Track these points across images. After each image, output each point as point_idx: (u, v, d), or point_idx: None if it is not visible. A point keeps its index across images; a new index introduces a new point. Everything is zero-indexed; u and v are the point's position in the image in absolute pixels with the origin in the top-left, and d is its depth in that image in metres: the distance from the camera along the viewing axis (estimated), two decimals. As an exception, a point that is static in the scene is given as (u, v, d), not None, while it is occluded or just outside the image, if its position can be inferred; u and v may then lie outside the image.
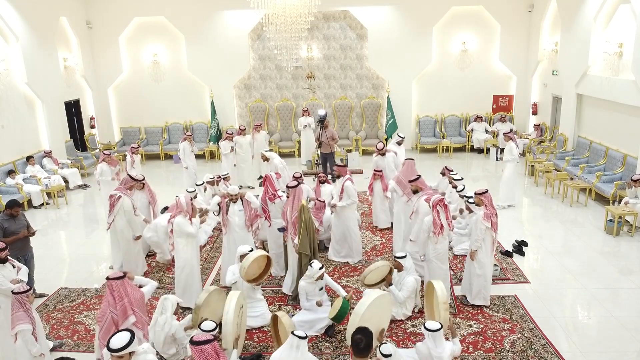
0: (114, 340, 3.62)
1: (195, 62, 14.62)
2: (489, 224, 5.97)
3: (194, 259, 6.37)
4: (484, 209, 6.04)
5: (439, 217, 5.98)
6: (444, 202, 6.07)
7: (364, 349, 3.65)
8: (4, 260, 5.18)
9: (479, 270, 6.11)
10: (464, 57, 14.52)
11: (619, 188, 9.30)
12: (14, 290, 4.63)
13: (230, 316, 4.78)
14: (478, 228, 6.01)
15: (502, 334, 5.67)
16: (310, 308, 5.79)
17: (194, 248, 6.35)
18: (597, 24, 10.74)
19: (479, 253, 6.10)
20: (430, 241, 6.05)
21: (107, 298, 4.49)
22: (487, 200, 6.06)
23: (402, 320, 5.93)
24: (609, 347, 5.42)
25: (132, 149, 10.15)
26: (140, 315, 4.57)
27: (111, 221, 7.05)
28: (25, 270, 5.48)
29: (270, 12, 9.42)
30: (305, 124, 13.17)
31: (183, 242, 6.25)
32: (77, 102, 14.17)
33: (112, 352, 3.58)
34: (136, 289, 4.71)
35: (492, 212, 6.03)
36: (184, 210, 6.20)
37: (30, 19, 11.81)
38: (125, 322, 4.43)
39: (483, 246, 6.07)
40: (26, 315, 4.56)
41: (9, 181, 10.62)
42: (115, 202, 6.97)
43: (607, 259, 7.63)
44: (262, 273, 6.09)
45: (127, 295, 4.48)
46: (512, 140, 9.75)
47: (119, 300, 4.45)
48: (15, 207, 6.38)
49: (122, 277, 4.56)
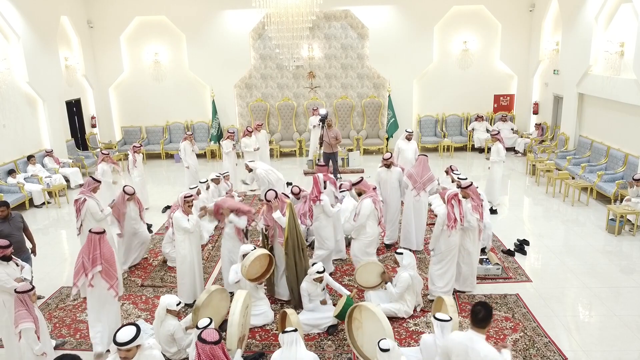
0: (120, 335, 3.55)
1: (196, 61, 14.63)
2: (477, 215, 6.13)
3: (194, 254, 6.38)
4: (470, 201, 6.20)
5: (453, 210, 6.05)
6: (458, 197, 6.16)
7: (482, 320, 3.69)
8: (8, 259, 5.17)
9: (466, 259, 6.34)
10: (465, 57, 14.52)
11: (620, 187, 9.30)
12: (17, 289, 4.63)
13: (237, 317, 4.79)
14: (472, 220, 6.17)
15: (505, 333, 5.67)
16: (314, 309, 5.80)
17: (192, 244, 6.36)
18: (599, 23, 10.75)
19: (467, 243, 6.29)
20: (443, 235, 6.14)
21: (84, 248, 5.29)
22: (472, 193, 6.24)
23: (405, 319, 5.94)
24: (611, 346, 5.43)
25: (134, 148, 10.16)
26: (107, 268, 5.24)
27: (79, 226, 7.02)
28: (29, 269, 5.47)
29: (272, 12, 9.42)
30: (315, 123, 13.15)
31: (181, 238, 6.31)
32: (78, 101, 14.18)
33: (119, 346, 3.53)
34: (109, 247, 5.36)
35: (479, 203, 6.22)
36: (178, 205, 6.36)
37: (32, 18, 11.82)
38: (93, 270, 5.18)
39: (471, 235, 6.26)
40: (28, 314, 4.56)
41: (10, 180, 10.62)
42: (80, 206, 6.95)
43: (609, 258, 7.63)
44: (265, 272, 6.10)
45: (100, 249, 5.21)
46: (499, 141, 9.73)
47: (92, 250, 5.19)
48: (2, 207, 6.20)
49: (103, 232, 5.29)
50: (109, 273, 5.25)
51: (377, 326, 4.84)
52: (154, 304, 6.48)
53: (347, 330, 5.26)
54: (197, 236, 6.51)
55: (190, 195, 6.46)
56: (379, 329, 4.77)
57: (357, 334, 5.23)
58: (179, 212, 6.32)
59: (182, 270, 6.40)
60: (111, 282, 5.28)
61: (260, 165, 9.87)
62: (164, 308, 5.16)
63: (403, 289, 5.85)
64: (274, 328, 5.89)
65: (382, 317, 4.83)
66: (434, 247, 6.31)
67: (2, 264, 5.09)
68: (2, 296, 5.09)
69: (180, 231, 6.28)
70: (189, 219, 6.28)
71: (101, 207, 7.14)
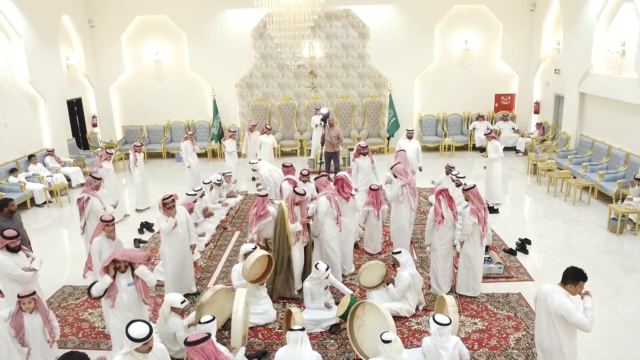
0: (138, 331, 3.62)
1: (197, 60, 14.62)
2: (475, 219, 6.07)
3: (174, 255, 6.36)
4: (470, 204, 6.17)
5: (440, 205, 6.13)
6: (447, 193, 6.22)
7: (565, 277, 4.30)
8: (17, 249, 5.20)
9: (467, 263, 6.28)
10: (466, 56, 14.52)
11: (621, 186, 9.31)
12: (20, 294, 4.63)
13: (240, 315, 4.81)
14: (466, 223, 6.14)
15: (507, 332, 5.68)
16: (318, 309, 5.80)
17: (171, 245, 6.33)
18: (600, 22, 10.75)
19: (467, 247, 6.25)
20: (434, 231, 6.26)
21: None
22: (473, 196, 6.17)
23: (407, 318, 5.94)
24: (613, 345, 5.44)
25: (135, 148, 10.15)
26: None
27: (83, 225, 7.02)
28: (39, 261, 5.48)
29: (273, 11, 9.42)
30: (317, 122, 13.14)
31: (162, 237, 6.40)
32: (79, 100, 14.18)
33: (141, 342, 3.60)
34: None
35: (480, 207, 6.13)
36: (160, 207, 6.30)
37: (33, 17, 11.81)
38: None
39: (471, 240, 6.21)
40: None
41: (11, 179, 10.62)
42: (84, 205, 6.95)
43: (611, 257, 7.63)
44: (265, 272, 6.11)
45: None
46: (495, 139, 9.74)
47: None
48: (10, 203, 6.36)
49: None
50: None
51: (380, 323, 4.86)
52: (156, 302, 6.49)
53: (349, 328, 5.27)
54: (178, 238, 6.36)
55: (168, 197, 6.22)
56: (381, 325, 4.79)
57: (358, 332, 5.24)
58: (160, 212, 6.26)
59: (165, 269, 6.49)
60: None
61: (263, 166, 9.88)
62: (169, 306, 5.17)
63: (404, 289, 5.86)
64: (277, 327, 5.89)
65: (385, 312, 4.86)
66: (430, 243, 6.43)
67: (11, 254, 5.14)
68: (10, 285, 5.13)
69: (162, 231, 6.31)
70: (167, 220, 6.18)
71: (104, 205, 7.14)
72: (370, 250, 7.86)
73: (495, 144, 9.68)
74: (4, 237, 5.12)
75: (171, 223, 6.18)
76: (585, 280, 4.20)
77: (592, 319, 4.08)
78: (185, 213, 6.57)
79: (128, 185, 12.00)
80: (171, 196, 6.27)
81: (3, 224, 6.20)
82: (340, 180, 6.97)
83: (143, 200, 10.30)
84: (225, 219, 9.45)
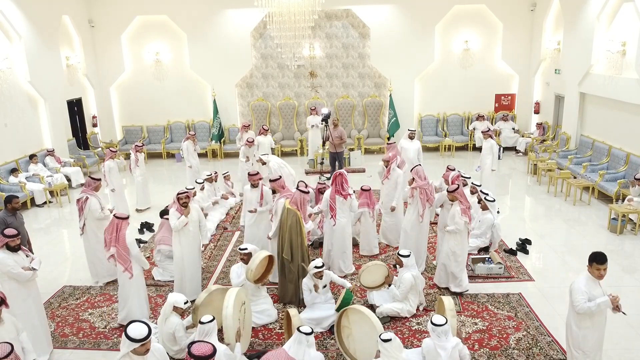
0: (137, 331, 3.57)
1: (197, 60, 14.62)
2: (467, 218, 6.12)
3: (184, 253, 6.32)
4: (458, 204, 6.19)
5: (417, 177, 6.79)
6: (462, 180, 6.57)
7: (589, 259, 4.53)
8: (17, 249, 5.21)
9: (452, 259, 6.34)
10: (466, 56, 14.52)
11: (622, 187, 9.30)
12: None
13: (230, 310, 4.77)
14: (458, 223, 6.17)
15: (508, 332, 5.67)
16: (313, 300, 5.78)
17: (182, 243, 6.30)
18: (600, 22, 10.74)
19: (452, 243, 6.30)
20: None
21: (107, 227, 5.82)
22: (460, 196, 6.22)
23: (407, 318, 5.94)
24: (614, 345, 5.42)
25: (136, 147, 10.15)
26: (121, 252, 5.67)
27: (82, 225, 6.99)
28: (39, 261, 5.49)
29: (274, 11, 9.42)
30: (313, 123, 13.12)
31: (174, 234, 6.34)
32: (79, 100, 14.17)
33: (140, 342, 3.56)
34: (126, 235, 5.69)
35: (467, 205, 6.21)
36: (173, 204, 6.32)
37: (33, 17, 11.81)
38: (107, 252, 5.78)
39: (458, 237, 6.26)
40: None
41: (12, 179, 10.62)
42: (83, 205, 6.94)
43: (611, 257, 7.49)
44: (266, 272, 6.11)
45: (117, 232, 5.66)
46: (491, 138, 9.75)
47: (111, 232, 5.70)
48: (15, 200, 6.43)
49: (126, 218, 5.78)
50: (123, 257, 5.68)
51: (367, 325, 4.85)
52: (157, 302, 6.49)
53: (338, 341, 5.26)
54: (188, 236, 6.33)
55: (183, 193, 6.21)
56: (369, 327, 4.79)
57: (349, 342, 5.22)
58: (173, 208, 6.25)
59: (175, 268, 6.46)
60: (125, 265, 5.69)
61: (273, 159, 9.92)
62: (171, 305, 5.17)
63: (407, 290, 5.85)
64: (277, 327, 5.89)
65: (369, 314, 4.87)
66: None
67: (11, 253, 5.15)
68: (9, 284, 5.12)
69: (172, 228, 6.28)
70: (179, 217, 6.16)
71: (102, 204, 7.14)
72: (366, 253, 7.79)
73: (490, 143, 9.65)
74: (4, 236, 5.12)
75: (182, 222, 6.17)
76: (600, 262, 4.41)
77: (585, 307, 4.33)
78: (199, 212, 6.53)
79: (128, 185, 11.99)
80: (186, 192, 6.27)
81: (8, 219, 6.32)
82: (340, 176, 6.94)
83: (143, 200, 10.30)
84: (225, 219, 9.47)
